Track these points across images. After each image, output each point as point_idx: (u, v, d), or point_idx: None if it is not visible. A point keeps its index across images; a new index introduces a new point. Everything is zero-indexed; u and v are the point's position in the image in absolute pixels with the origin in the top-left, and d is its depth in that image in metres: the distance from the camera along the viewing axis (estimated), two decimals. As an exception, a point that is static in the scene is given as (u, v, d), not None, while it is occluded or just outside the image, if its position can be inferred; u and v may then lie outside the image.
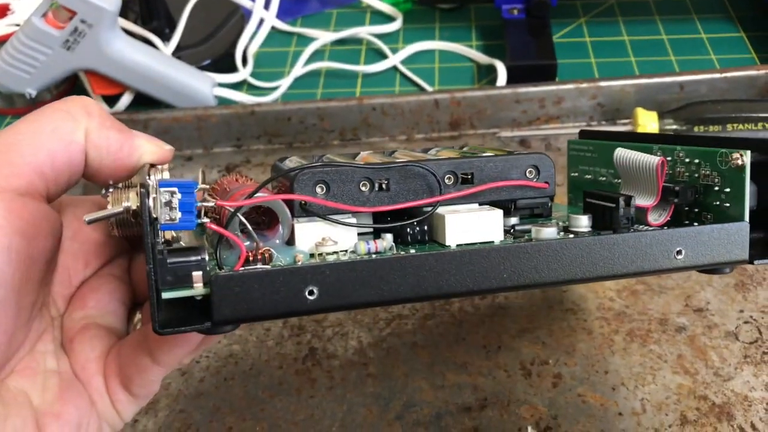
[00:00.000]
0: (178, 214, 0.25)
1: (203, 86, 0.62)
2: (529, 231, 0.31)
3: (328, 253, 0.29)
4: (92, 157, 0.29)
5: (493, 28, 0.72)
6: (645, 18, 0.73)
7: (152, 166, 0.30)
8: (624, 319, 0.45)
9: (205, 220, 0.27)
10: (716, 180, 0.32)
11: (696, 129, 0.55)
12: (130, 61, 0.60)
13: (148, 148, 0.31)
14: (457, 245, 0.30)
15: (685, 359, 0.42)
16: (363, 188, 0.30)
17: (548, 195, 0.33)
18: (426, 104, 0.60)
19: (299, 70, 0.67)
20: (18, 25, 0.62)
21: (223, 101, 0.64)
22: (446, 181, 0.31)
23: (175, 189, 0.25)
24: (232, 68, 0.68)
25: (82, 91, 0.66)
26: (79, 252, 0.31)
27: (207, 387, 0.43)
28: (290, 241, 0.30)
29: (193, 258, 0.26)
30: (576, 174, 0.40)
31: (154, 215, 0.25)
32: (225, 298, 0.25)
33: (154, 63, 0.61)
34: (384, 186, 0.30)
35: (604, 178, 0.38)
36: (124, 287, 0.32)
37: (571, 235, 0.30)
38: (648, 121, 0.56)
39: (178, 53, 0.66)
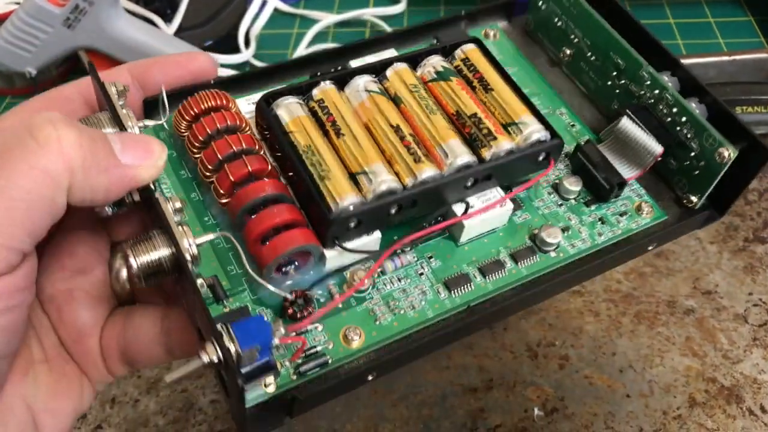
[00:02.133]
0: (257, 357, 0.26)
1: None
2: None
3: (359, 290, 0.30)
4: (78, 207, 0.26)
5: (499, 11, 0.71)
6: (652, 2, 0.72)
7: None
8: (632, 301, 0.44)
9: (276, 341, 0.27)
10: (695, 148, 0.32)
11: (704, 112, 0.55)
12: (131, 40, 0.59)
13: (138, 175, 0.27)
14: (468, 239, 0.32)
15: (694, 341, 0.42)
16: (393, 212, 0.31)
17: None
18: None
19: (302, 51, 0.67)
20: (18, 2, 0.61)
21: (225, 82, 0.63)
22: (468, 184, 0.32)
23: (257, 346, 0.25)
24: (235, 49, 0.67)
25: (83, 71, 0.65)
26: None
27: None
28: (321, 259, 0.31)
29: (265, 367, 0.27)
30: (545, 8, 0.38)
31: (241, 369, 0.25)
32: (305, 401, 0.28)
33: (156, 42, 0.60)
34: (411, 204, 0.31)
35: (576, 40, 0.37)
36: (98, 236, 0.30)
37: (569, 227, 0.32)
38: (656, 104, 0.55)
39: (179, 34, 0.65)
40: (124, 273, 0.29)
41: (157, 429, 0.40)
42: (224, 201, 0.30)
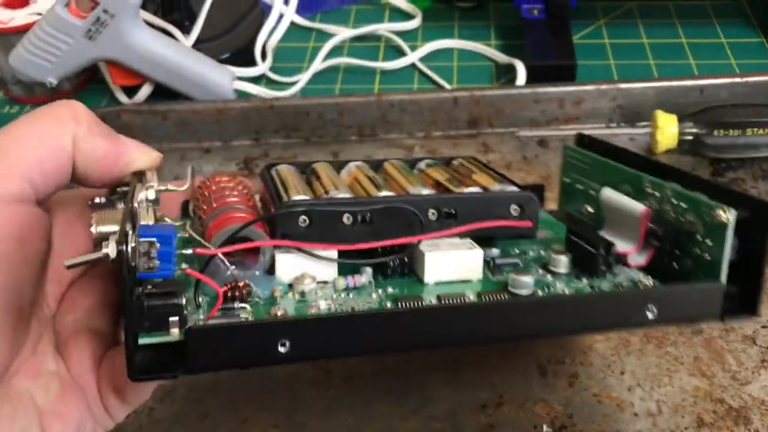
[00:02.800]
0: (156, 264, 0.25)
1: (223, 79, 0.63)
2: (509, 265, 0.32)
3: (304, 291, 0.30)
4: (79, 163, 0.29)
5: (512, 28, 0.72)
6: (665, 21, 0.73)
7: (139, 173, 0.31)
8: (641, 320, 0.45)
9: (184, 266, 0.27)
10: (699, 229, 0.31)
11: (716, 133, 0.55)
12: (150, 52, 0.60)
13: (135, 155, 0.31)
14: (436, 282, 0.31)
15: (702, 362, 0.42)
16: (346, 221, 0.31)
17: (531, 234, 0.33)
18: (445, 102, 0.60)
19: (318, 65, 0.68)
20: (40, 14, 0.62)
21: (242, 95, 0.64)
22: (430, 216, 0.31)
23: (154, 240, 0.25)
24: (251, 62, 0.68)
25: (102, 81, 0.66)
26: (68, 251, 0.31)
27: (223, 377, 0.43)
28: (271, 270, 0.31)
29: (171, 302, 0.26)
30: (569, 181, 0.39)
31: (132, 264, 0.25)
32: (199, 350, 0.26)
33: (175, 55, 0.61)
34: (367, 219, 0.31)
35: (594, 193, 0.37)
36: (113, 288, 0.32)
37: (548, 281, 0.31)
38: (668, 124, 0.55)
39: (197, 46, 0.66)
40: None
41: (171, 438, 0.40)
42: (201, 217, 0.32)
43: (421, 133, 0.61)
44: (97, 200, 0.29)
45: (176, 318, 0.26)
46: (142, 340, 0.26)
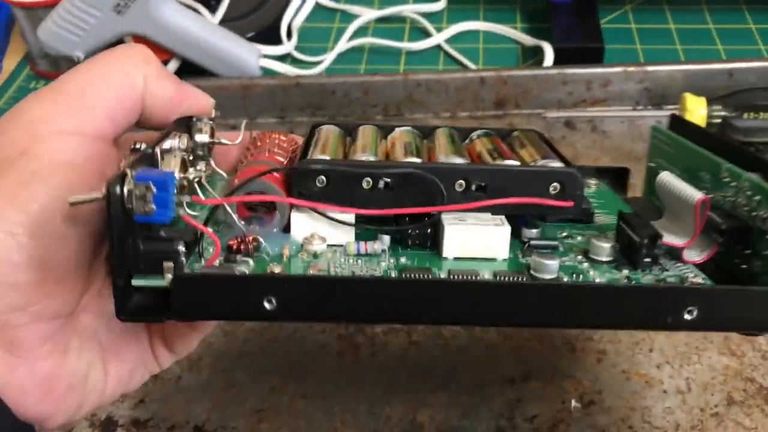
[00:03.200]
0: (152, 208, 0.25)
1: (249, 56, 0.63)
2: (546, 248, 0.30)
3: (313, 252, 0.29)
4: (147, 103, 0.30)
5: (538, 12, 0.72)
6: (692, 7, 0.72)
7: (194, 119, 0.31)
8: (670, 299, 0.44)
9: (183, 211, 0.26)
10: None
11: (745, 116, 0.55)
12: (178, 27, 0.60)
13: (197, 99, 0.32)
14: (455, 258, 0.29)
15: (732, 341, 0.42)
16: (366, 186, 0.29)
17: (571, 214, 0.30)
18: (472, 82, 0.60)
19: (343, 45, 0.67)
20: (68, -12, 0.62)
21: (268, 72, 0.64)
22: (457, 187, 0.29)
23: (150, 184, 0.25)
24: (277, 41, 0.68)
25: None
26: None
27: (250, 348, 0.43)
28: (287, 228, 0.30)
29: (165, 247, 0.26)
30: (654, 165, 0.36)
31: (128, 206, 0.25)
32: (183, 297, 0.26)
33: (202, 31, 0.61)
34: (388, 185, 0.29)
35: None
36: None
37: (581, 268, 0.29)
38: (696, 107, 0.55)
39: (223, 25, 0.66)
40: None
41: (200, 405, 0.41)
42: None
43: (447, 114, 0.61)
44: (137, 146, 0.29)
45: (170, 263, 0.26)
46: (136, 282, 0.26)
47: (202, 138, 0.32)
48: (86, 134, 0.28)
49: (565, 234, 0.32)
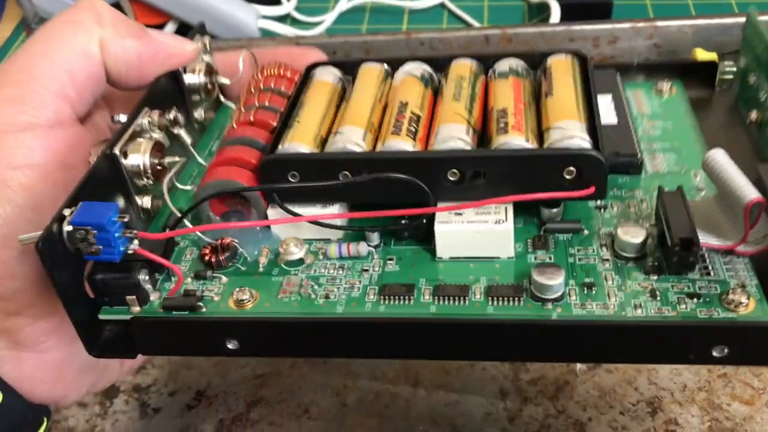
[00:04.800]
0: (98, 249, 0.24)
1: (248, 17, 0.61)
2: (565, 231, 0.26)
3: (289, 261, 0.27)
4: (111, 67, 0.28)
5: (545, -33, 0.70)
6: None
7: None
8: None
9: (134, 247, 0.25)
10: None
11: (757, 71, 0.53)
12: (175, -12, 0.59)
13: (172, 51, 0.29)
14: (451, 258, 0.26)
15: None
16: (342, 177, 0.26)
17: (591, 199, 0.26)
18: (476, 40, 0.58)
19: (344, 5, 0.66)
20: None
21: (267, 33, 0.63)
22: (450, 177, 0.25)
23: (89, 228, 0.23)
24: (276, 2, 0.66)
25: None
26: None
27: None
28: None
29: (127, 282, 0.25)
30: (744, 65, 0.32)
31: (71, 248, 0.24)
32: (144, 337, 0.26)
33: (200, -8, 0.60)
34: (368, 181, 0.26)
35: (765, 97, 0.30)
36: None
37: (595, 275, 0.24)
38: (707, 62, 0.53)
39: (222, -16, 0.65)
40: None
41: (201, 371, 0.40)
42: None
43: (451, 73, 0.59)
44: (117, 118, 0.28)
45: (133, 297, 0.25)
46: (102, 316, 0.26)
47: (194, 79, 0.31)
48: (40, 125, 0.26)
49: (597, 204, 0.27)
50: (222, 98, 0.35)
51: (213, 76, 0.34)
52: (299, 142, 0.27)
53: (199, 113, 0.34)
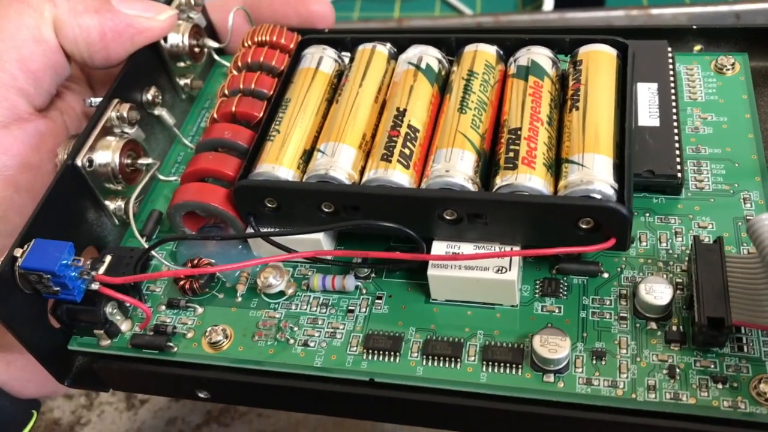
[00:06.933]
0: (56, 290, 0.23)
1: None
2: (584, 275, 0.23)
3: (269, 294, 0.25)
4: (72, 51, 0.25)
5: (538, -46, 0.69)
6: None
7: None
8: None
9: (95, 286, 0.23)
10: None
11: (752, 59, 0.52)
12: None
13: (141, 25, 0.26)
14: (447, 300, 0.24)
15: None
16: (326, 209, 0.24)
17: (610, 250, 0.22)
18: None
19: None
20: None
21: (257, 21, 0.62)
22: (447, 216, 0.23)
23: (41, 273, 0.22)
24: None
25: None
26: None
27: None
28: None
29: (93, 317, 0.24)
30: None
31: (26, 289, 0.23)
32: (114, 377, 0.26)
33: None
34: (351, 207, 0.23)
35: None
36: None
37: (611, 340, 0.21)
38: (701, 51, 0.53)
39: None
40: None
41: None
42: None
43: (443, 61, 0.59)
44: (90, 101, 0.26)
45: (101, 331, 0.25)
46: (71, 347, 0.25)
47: (176, 41, 0.29)
48: None
49: (624, 259, 0.23)
50: (216, 56, 0.32)
51: (200, 38, 0.31)
52: (277, 163, 0.24)
53: (185, 82, 0.31)
